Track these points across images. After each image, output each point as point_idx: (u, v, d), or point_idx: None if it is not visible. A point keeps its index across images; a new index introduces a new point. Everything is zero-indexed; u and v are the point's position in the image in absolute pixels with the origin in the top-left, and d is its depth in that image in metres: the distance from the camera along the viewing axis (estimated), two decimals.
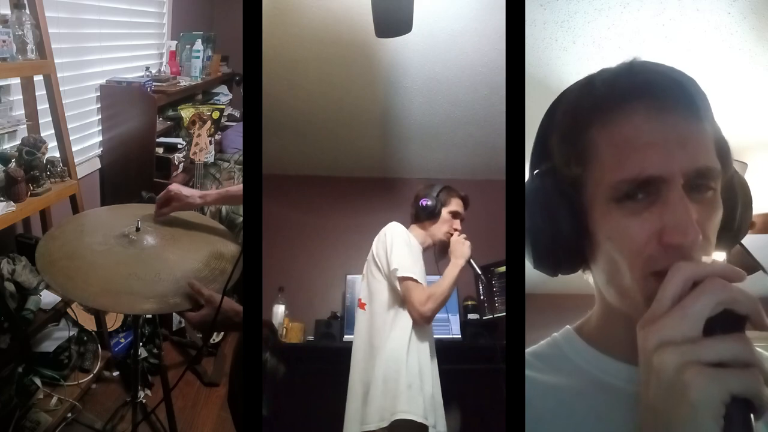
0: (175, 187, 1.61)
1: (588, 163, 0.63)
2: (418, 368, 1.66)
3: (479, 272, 2.04)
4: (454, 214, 2.00)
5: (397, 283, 1.73)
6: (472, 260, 1.94)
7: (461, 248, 1.91)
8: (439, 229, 1.96)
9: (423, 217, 1.98)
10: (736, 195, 0.66)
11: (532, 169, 0.70)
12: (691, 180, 0.58)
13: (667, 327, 0.50)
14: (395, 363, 1.64)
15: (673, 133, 0.58)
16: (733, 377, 0.47)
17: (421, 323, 1.72)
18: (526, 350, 0.74)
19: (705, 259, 0.56)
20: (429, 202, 1.96)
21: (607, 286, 0.66)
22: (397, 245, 1.80)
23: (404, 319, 1.72)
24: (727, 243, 0.66)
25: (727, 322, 0.49)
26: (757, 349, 0.71)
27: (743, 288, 0.50)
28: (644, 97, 0.59)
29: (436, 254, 2.00)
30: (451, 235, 1.96)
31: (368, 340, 1.75)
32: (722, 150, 0.63)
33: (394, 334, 1.70)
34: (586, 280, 0.71)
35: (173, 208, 1.62)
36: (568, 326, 0.76)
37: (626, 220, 0.59)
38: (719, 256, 0.67)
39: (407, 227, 1.95)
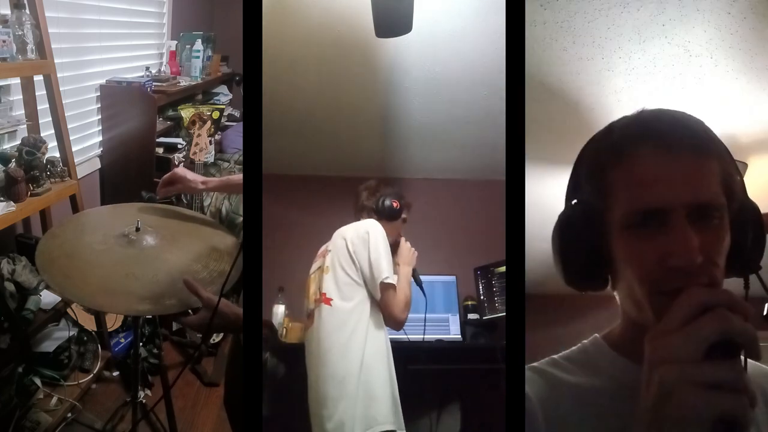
0: (181, 170, 1.68)
1: (608, 197, 0.72)
2: (390, 376, 1.69)
3: (422, 285, 2.06)
4: (404, 220, 2.07)
5: (378, 290, 1.73)
6: (416, 269, 1.98)
7: (411, 256, 1.97)
8: (396, 231, 1.99)
9: (385, 215, 1.98)
10: (747, 222, 0.72)
11: (568, 199, 0.80)
12: (694, 211, 0.65)
13: (673, 345, 0.56)
14: (373, 370, 1.64)
15: (677, 170, 0.66)
16: (723, 399, 0.52)
17: (397, 329, 1.77)
18: (558, 354, 0.82)
19: (718, 286, 0.64)
20: (398, 206, 2.00)
21: (625, 301, 0.75)
22: (383, 250, 1.78)
23: (376, 323, 1.73)
24: (740, 269, 0.73)
25: (726, 349, 0.54)
26: (758, 364, 0.77)
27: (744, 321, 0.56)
28: (652, 139, 0.68)
29: None
30: (399, 238, 2.01)
31: (336, 338, 1.69)
32: (730, 184, 0.70)
33: (370, 340, 1.68)
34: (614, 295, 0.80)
35: (177, 189, 1.69)
36: (596, 334, 0.83)
37: (637, 246, 0.68)
38: (736, 285, 0.72)
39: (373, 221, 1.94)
